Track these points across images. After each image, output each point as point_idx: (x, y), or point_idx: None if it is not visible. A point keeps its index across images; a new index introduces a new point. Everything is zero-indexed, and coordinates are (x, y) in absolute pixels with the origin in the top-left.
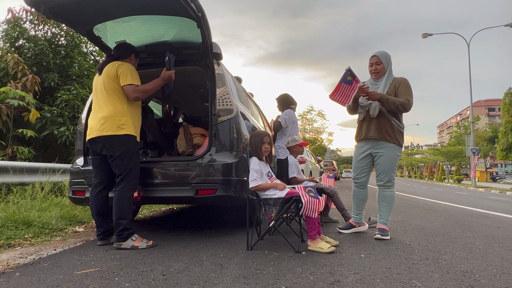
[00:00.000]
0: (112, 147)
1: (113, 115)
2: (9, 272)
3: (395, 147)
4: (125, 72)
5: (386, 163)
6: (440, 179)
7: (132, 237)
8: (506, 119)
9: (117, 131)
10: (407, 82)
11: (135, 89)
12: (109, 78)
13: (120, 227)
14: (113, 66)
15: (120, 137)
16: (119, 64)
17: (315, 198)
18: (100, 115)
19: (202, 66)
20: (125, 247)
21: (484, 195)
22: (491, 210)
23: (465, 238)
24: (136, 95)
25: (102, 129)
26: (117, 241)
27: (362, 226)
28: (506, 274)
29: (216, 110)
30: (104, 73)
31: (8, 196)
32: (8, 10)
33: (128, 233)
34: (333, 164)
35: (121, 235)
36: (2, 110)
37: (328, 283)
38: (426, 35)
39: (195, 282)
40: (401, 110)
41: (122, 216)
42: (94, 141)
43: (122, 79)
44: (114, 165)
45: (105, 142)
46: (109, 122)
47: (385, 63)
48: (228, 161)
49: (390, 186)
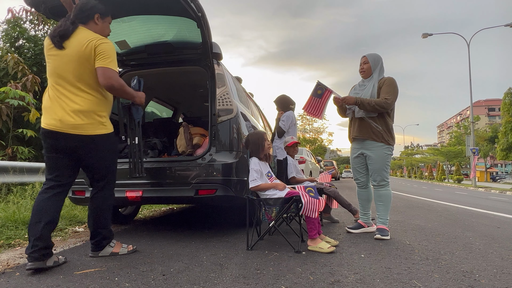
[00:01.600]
0: (93, 149)
1: (92, 109)
2: (9, 272)
3: (383, 146)
4: (107, 53)
5: (376, 162)
6: (440, 179)
7: (111, 243)
8: (506, 119)
9: (98, 130)
10: (391, 81)
11: (113, 76)
12: (82, 58)
13: (98, 236)
14: (87, 41)
15: (103, 137)
16: (100, 41)
17: (315, 198)
18: (73, 106)
19: (202, 66)
20: (104, 255)
21: (484, 195)
22: (491, 210)
23: (465, 238)
24: (112, 83)
25: (79, 126)
26: (94, 250)
27: (370, 226)
28: (506, 274)
29: (216, 110)
30: (72, 48)
31: (8, 196)
32: (8, 10)
33: (106, 242)
34: (333, 164)
35: (99, 244)
36: (2, 110)
37: (328, 283)
38: (426, 35)
39: (195, 282)
40: (379, 109)
41: (103, 225)
42: (59, 136)
43: (101, 60)
44: (94, 169)
45: (84, 142)
46: (87, 118)
47: (372, 63)
48: (228, 161)
49: (384, 185)
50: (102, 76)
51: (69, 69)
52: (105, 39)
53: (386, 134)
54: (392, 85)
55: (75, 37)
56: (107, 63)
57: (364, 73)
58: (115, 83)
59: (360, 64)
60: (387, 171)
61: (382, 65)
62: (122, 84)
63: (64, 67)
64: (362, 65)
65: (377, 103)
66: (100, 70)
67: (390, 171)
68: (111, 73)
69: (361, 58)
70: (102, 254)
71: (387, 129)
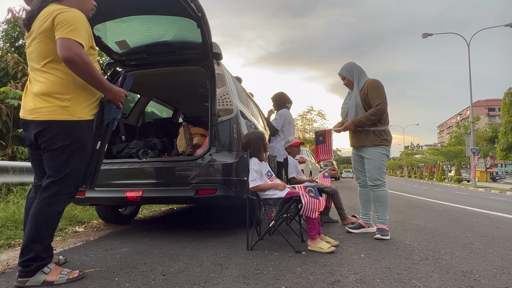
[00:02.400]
0: (47, 137)
1: (51, 91)
2: (9, 272)
3: (376, 147)
4: (66, 21)
5: (370, 164)
6: (440, 179)
7: (44, 269)
8: (506, 119)
9: (57, 116)
10: (374, 85)
11: (72, 46)
12: (42, 33)
13: (30, 254)
14: (47, 15)
15: (60, 124)
16: (59, 11)
17: (315, 198)
18: (34, 89)
19: (202, 66)
20: (32, 284)
21: (484, 195)
22: (491, 210)
23: (465, 238)
24: (70, 56)
25: (35, 110)
26: (21, 276)
27: (371, 227)
28: (506, 274)
29: (216, 110)
30: (34, 28)
31: (8, 196)
32: (8, 10)
33: (38, 264)
34: (333, 164)
35: (28, 267)
36: (2, 110)
37: (328, 283)
38: (426, 35)
39: (195, 282)
40: (375, 119)
41: (39, 237)
42: (26, 124)
43: (60, 30)
44: (46, 161)
45: (38, 129)
46: (45, 101)
47: (349, 75)
48: (228, 161)
49: (380, 185)
50: (59, 48)
51: (32, 50)
52: (68, 9)
53: (376, 136)
54: (376, 88)
55: (40, 15)
56: (67, 32)
57: (349, 87)
58: (75, 56)
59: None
60: (383, 170)
61: (358, 71)
62: (86, 61)
63: (29, 49)
64: (343, 81)
65: (371, 115)
66: (58, 41)
67: (385, 171)
68: (71, 43)
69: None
70: (31, 284)
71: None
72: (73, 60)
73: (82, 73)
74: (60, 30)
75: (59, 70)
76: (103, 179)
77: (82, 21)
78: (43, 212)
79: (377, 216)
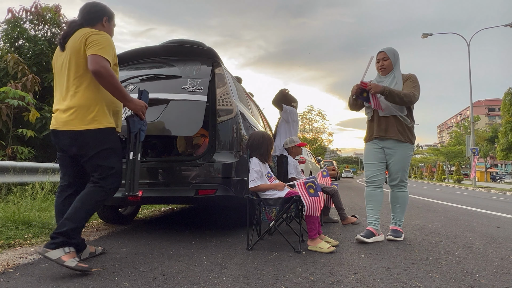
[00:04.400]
0: (83, 145)
1: (82, 104)
2: (9, 272)
3: (408, 146)
4: (98, 41)
5: (398, 162)
6: (440, 179)
7: (65, 248)
8: (506, 119)
9: (87, 125)
10: (414, 77)
11: (100, 61)
12: (75, 52)
13: (62, 228)
14: (81, 36)
15: (91, 133)
16: (91, 33)
17: (315, 196)
18: (66, 103)
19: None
20: (49, 257)
21: (484, 195)
22: (491, 210)
23: (465, 238)
24: (99, 69)
25: (69, 122)
26: (46, 245)
27: (380, 235)
28: (506, 274)
29: (216, 110)
30: (68, 47)
31: (8, 196)
32: (8, 10)
33: (63, 240)
34: (333, 164)
35: (55, 239)
36: (2, 110)
37: (328, 283)
38: (426, 35)
39: (195, 282)
40: (406, 102)
41: (73, 217)
42: (59, 134)
43: (91, 48)
44: (89, 167)
45: (72, 138)
46: (77, 113)
47: (393, 59)
48: (228, 161)
49: (403, 186)
50: (90, 62)
51: (65, 66)
52: (100, 32)
53: (410, 133)
54: (416, 81)
55: (74, 35)
56: (97, 50)
57: (384, 70)
58: (103, 69)
59: (379, 60)
60: (407, 171)
61: (398, 59)
62: (112, 74)
63: (61, 65)
64: (382, 61)
65: (405, 95)
66: (89, 57)
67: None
68: (100, 59)
69: (379, 54)
70: (49, 256)
71: (409, 128)
72: (101, 73)
73: (108, 84)
74: (91, 48)
75: (88, 85)
76: None
77: (110, 42)
78: (85, 197)
79: (393, 217)
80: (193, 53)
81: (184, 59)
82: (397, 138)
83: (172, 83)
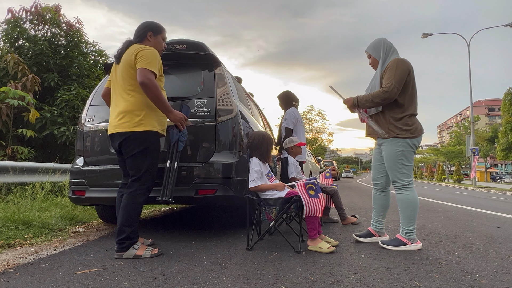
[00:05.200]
0: (128, 145)
1: (130, 109)
2: (9, 272)
3: (394, 141)
4: (145, 56)
5: (387, 161)
6: (440, 179)
7: (135, 246)
8: (506, 119)
9: (134, 128)
10: (393, 64)
11: (147, 74)
12: (127, 65)
13: (123, 235)
14: (132, 51)
15: (136, 134)
16: (141, 48)
17: (315, 197)
18: (118, 109)
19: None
20: (127, 257)
21: (484, 195)
22: (491, 210)
23: (465, 238)
24: (145, 80)
25: (119, 125)
26: (118, 251)
27: (382, 236)
28: (506, 274)
29: (216, 110)
30: (122, 60)
31: (8, 196)
32: (8, 10)
33: (130, 242)
34: (333, 164)
35: (122, 244)
36: (2, 110)
37: (328, 283)
38: (426, 35)
39: (195, 282)
40: (379, 103)
41: (128, 223)
42: (112, 137)
43: (140, 62)
44: (128, 165)
45: (121, 139)
46: (126, 117)
47: (375, 53)
48: (228, 161)
49: (400, 188)
50: (138, 74)
51: (119, 77)
52: (148, 47)
53: (396, 125)
54: (393, 68)
55: (127, 51)
56: (145, 64)
57: (374, 67)
58: (148, 80)
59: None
60: (401, 171)
61: (386, 49)
62: (156, 86)
63: (117, 76)
64: (369, 60)
65: (374, 96)
66: (138, 70)
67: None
68: (146, 72)
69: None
70: (126, 256)
71: (395, 120)
72: (146, 84)
73: (152, 94)
74: (140, 62)
75: (137, 93)
76: (103, 179)
77: (157, 57)
78: (129, 204)
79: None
80: (193, 59)
81: (185, 64)
82: (377, 135)
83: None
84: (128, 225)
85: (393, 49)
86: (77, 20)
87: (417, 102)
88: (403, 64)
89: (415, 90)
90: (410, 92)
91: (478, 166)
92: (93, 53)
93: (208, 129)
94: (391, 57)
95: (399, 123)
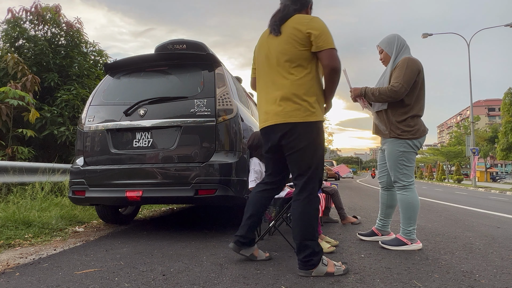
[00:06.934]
0: (295, 138)
1: (299, 94)
2: (9, 272)
3: (395, 141)
4: (325, 33)
5: (388, 160)
6: (440, 179)
7: (323, 261)
8: (506, 119)
9: (304, 118)
10: (402, 62)
11: (338, 57)
12: (294, 40)
13: (307, 251)
14: (300, 23)
15: (307, 125)
16: (312, 19)
17: None
18: (279, 93)
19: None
20: (318, 274)
21: (484, 195)
22: (491, 210)
23: (465, 238)
24: (337, 65)
25: (283, 114)
26: (304, 268)
27: (385, 235)
28: (506, 274)
29: (216, 110)
30: (284, 33)
31: (8, 196)
32: (8, 10)
33: (317, 258)
34: (333, 164)
35: (310, 262)
36: (2, 110)
37: (328, 283)
38: (426, 35)
39: (195, 282)
40: (385, 99)
41: (309, 236)
42: (269, 131)
43: (322, 41)
44: (293, 161)
45: (286, 130)
46: (293, 104)
47: (388, 48)
48: (228, 161)
49: (400, 188)
50: (329, 57)
51: (278, 53)
52: (318, 18)
53: (397, 126)
54: (403, 67)
55: (290, 21)
56: (331, 43)
57: (384, 63)
58: (340, 66)
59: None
60: (402, 171)
61: (400, 45)
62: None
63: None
64: (380, 55)
65: (381, 92)
66: (328, 51)
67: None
68: (335, 54)
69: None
70: (316, 274)
71: (397, 121)
72: (338, 70)
73: (337, 82)
74: (323, 40)
75: (303, 72)
76: (103, 179)
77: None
78: (305, 211)
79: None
80: (192, 59)
81: (185, 64)
82: (380, 134)
83: (180, 105)
84: (311, 238)
85: (406, 46)
86: (77, 20)
87: (424, 103)
88: (414, 64)
89: (423, 91)
90: (418, 92)
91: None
92: (93, 53)
93: (208, 129)
94: (403, 55)
95: (401, 124)
